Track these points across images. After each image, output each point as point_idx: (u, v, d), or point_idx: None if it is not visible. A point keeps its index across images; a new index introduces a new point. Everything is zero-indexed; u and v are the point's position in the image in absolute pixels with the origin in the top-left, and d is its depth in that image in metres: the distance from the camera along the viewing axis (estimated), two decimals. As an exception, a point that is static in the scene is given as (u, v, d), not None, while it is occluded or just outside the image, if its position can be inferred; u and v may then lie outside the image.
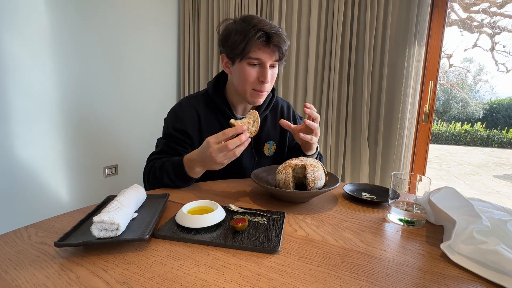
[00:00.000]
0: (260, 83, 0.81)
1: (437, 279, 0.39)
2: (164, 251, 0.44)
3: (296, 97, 1.85)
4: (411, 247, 0.48)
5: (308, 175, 0.65)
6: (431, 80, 1.57)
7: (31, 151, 1.41)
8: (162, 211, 0.58)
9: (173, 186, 0.76)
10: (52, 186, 1.52)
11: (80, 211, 0.59)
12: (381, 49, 1.60)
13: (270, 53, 0.78)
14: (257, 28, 0.74)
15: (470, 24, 8.34)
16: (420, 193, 0.59)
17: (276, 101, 1.00)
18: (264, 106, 0.93)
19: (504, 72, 9.31)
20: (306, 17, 1.76)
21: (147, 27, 1.95)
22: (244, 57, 0.78)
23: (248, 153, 0.93)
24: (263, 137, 0.95)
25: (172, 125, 0.86)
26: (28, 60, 1.36)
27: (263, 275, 0.39)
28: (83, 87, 1.59)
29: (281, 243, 0.47)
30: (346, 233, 0.52)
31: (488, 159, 6.49)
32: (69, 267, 0.39)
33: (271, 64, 0.80)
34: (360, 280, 0.39)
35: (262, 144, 0.95)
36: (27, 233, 0.49)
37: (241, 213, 0.59)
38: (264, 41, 0.76)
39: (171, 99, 2.23)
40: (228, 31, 0.80)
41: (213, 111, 0.90)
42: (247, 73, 0.79)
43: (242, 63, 0.79)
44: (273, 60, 0.79)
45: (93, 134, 1.68)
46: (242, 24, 0.77)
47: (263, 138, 0.95)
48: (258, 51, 0.77)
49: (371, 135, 1.70)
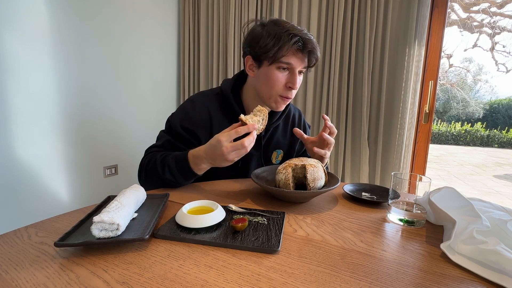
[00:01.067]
0: (288, 89, 0.79)
1: (437, 279, 0.39)
2: (164, 251, 0.44)
3: (296, 97, 1.85)
4: (411, 247, 0.48)
5: (308, 175, 0.65)
6: (431, 80, 1.57)
7: (31, 151, 1.41)
8: (162, 211, 0.58)
9: (173, 181, 0.73)
10: (52, 186, 1.52)
11: (80, 211, 0.59)
12: (381, 49, 1.60)
13: (302, 58, 0.77)
14: (291, 32, 0.73)
15: (470, 24, 8.34)
16: (420, 193, 0.59)
17: (289, 110, 0.98)
18: (279, 114, 0.91)
19: (504, 72, 9.32)
20: (306, 17, 1.76)
21: (147, 27, 1.95)
22: (275, 61, 0.76)
23: (256, 160, 0.91)
24: (272, 145, 0.93)
25: (180, 123, 0.82)
26: (29, 60, 1.36)
27: (263, 275, 0.39)
28: (83, 87, 1.59)
29: (281, 243, 0.47)
30: (346, 233, 0.52)
31: (488, 159, 6.49)
32: (69, 267, 0.39)
33: (299, 71, 0.79)
34: (360, 280, 0.39)
35: (270, 152, 0.94)
36: (27, 233, 0.49)
37: (241, 213, 0.59)
38: (300, 47, 0.75)
39: (171, 99, 2.23)
40: (258, 33, 0.77)
41: (226, 113, 0.86)
42: (276, 78, 0.77)
43: (271, 67, 0.77)
44: (303, 66, 0.78)
45: (93, 134, 1.68)
46: (274, 27, 0.75)
47: (272, 146, 0.93)
48: (291, 56, 0.75)
49: (371, 135, 1.70)
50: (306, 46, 0.75)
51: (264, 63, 0.78)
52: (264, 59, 0.77)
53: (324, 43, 1.73)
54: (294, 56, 0.76)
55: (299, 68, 0.78)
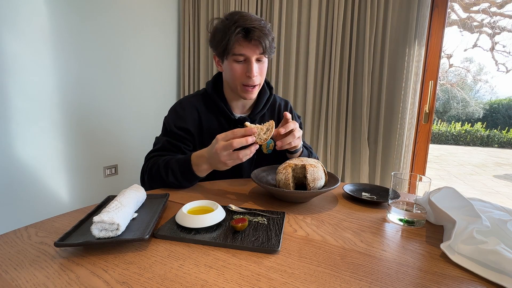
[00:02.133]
0: (248, 78, 0.81)
1: (437, 279, 0.39)
2: (164, 251, 0.44)
3: (296, 97, 1.85)
4: (411, 247, 0.48)
5: (308, 175, 0.65)
6: (431, 80, 1.57)
7: (31, 151, 1.41)
8: (162, 211, 0.58)
9: (176, 184, 0.75)
10: (52, 186, 1.52)
11: (80, 211, 0.59)
12: (381, 49, 1.60)
13: (253, 47, 0.79)
14: (236, 24, 0.76)
15: (470, 24, 8.35)
16: (420, 193, 0.59)
17: (274, 100, 1.00)
18: (261, 105, 0.93)
19: (504, 72, 9.32)
20: (306, 17, 1.76)
21: (147, 26, 1.95)
22: (228, 54, 0.79)
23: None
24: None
25: (173, 123, 0.86)
26: (28, 60, 1.36)
27: (263, 275, 0.39)
28: (83, 87, 1.59)
29: (281, 243, 0.47)
30: (346, 233, 0.52)
31: (488, 159, 6.48)
32: (69, 267, 0.39)
33: (257, 58, 0.81)
34: (360, 280, 0.39)
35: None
36: (27, 233, 0.49)
37: (241, 213, 0.59)
38: (243, 36, 0.77)
39: (171, 99, 2.23)
40: (214, 30, 0.82)
41: (213, 110, 0.90)
42: (234, 70, 0.81)
43: (229, 60, 0.81)
44: (257, 54, 0.80)
45: (93, 134, 1.68)
46: (225, 21, 0.79)
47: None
48: (239, 47, 0.78)
49: (371, 135, 1.70)
50: (251, 35, 0.76)
51: (224, 58, 0.82)
52: (222, 54, 0.81)
53: (324, 43, 1.73)
54: (242, 46, 0.78)
55: (254, 56, 0.79)
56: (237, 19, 0.77)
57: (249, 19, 0.77)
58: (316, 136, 1.82)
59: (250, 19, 0.77)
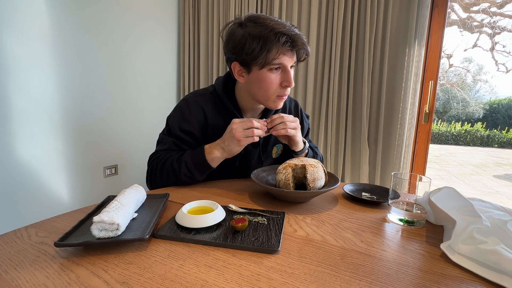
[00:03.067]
0: (284, 88, 0.77)
1: (437, 279, 0.39)
2: (164, 251, 0.44)
3: (296, 97, 1.85)
4: (411, 247, 0.48)
5: (308, 175, 0.65)
6: (431, 80, 1.57)
7: (31, 151, 1.41)
8: (162, 211, 0.58)
9: (188, 176, 0.76)
10: (52, 186, 1.52)
11: (80, 211, 0.59)
12: (381, 49, 1.60)
13: (292, 56, 0.75)
14: (277, 31, 0.69)
15: (470, 24, 8.34)
16: (420, 193, 0.59)
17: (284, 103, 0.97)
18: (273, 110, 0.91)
19: (504, 72, 9.31)
20: (306, 17, 1.76)
21: (147, 26, 1.95)
22: (266, 64, 0.72)
23: (256, 157, 0.92)
24: (271, 141, 0.94)
25: (178, 126, 0.83)
26: (28, 60, 1.36)
27: (263, 275, 0.39)
28: (83, 87, 1.59)
29: (281, 243, 0.47)
30: (346, 233, 0.52)
31: (488, 159, 6.48)
32: (69, 267, 0.39)
33: (291, 66, 0.77)
34: (360, 280, 0.39)
35: (270, 147, 0.94)
36: (27, 233, 0.49)
37: (241, 213, 0.59)
38: (290, 46, 0.72)
39: (171, 99, 2.23)
40: (240, 36, 0.73)
41: (221, 112, 0.86)
42: (270, 80, 0.75)
43: (262, 70, 0.74)
44: (293, 62, 0.76)
45: (93, 134, 1.68)
46: (256, 27, 0.71)
47: (272, 141, 0.94)
48: (282, 56, 0.72)
49: (371, 135, 1.70)
50: (296, 44, 0.72)
51: (254, 68, 0.75)
52: (254, 65, 0.74)
53: (324, 43, 1.73)
54: (285, 55, 0.73)
55: (290, 64, 0.75)
56: (273, 25, 0.70)
57: (284, 24, 0.72)
58: (316, 136, 1.82)
59: (286, 25, 0.72)
